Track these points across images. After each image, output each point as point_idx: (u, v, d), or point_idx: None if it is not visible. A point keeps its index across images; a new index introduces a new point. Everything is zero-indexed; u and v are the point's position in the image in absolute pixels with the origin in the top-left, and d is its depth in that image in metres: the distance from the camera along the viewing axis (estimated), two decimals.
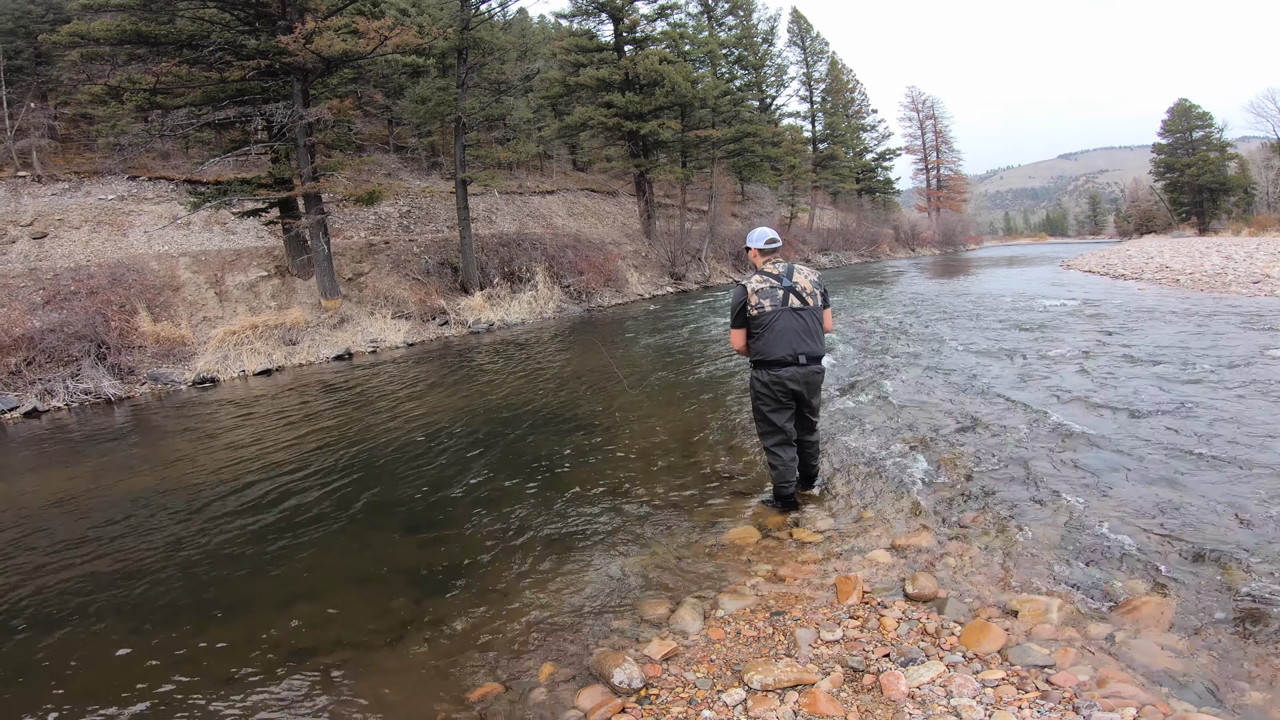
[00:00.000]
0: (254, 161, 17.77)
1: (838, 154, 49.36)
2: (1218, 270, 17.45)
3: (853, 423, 6.08)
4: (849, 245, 43.58)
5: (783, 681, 2.64)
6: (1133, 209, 66.66)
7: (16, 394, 10.47)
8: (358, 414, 8.54)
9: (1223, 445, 4.71)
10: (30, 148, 17.08)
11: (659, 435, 6.38)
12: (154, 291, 13.54)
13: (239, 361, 12.78)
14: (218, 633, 3.46)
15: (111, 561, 4.47)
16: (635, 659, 2.89)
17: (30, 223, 15.60)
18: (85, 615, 3.75)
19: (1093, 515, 3.83)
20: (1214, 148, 52.45)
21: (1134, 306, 12.63)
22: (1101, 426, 5.36)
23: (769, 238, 4.26)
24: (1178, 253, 25.64)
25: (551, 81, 27.11)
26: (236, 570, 4.19)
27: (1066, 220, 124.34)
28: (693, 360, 10.37)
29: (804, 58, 50.20)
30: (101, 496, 5.95)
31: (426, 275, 18.06)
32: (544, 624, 3.30)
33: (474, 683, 2.91)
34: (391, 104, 24.23)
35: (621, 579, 3.65)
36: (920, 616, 3.03)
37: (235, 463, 6.67)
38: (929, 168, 65.27)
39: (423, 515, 4.84)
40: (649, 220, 28.13)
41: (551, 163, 32.87)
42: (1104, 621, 2.89)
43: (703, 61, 32.17)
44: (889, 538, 3.85)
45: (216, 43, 13.48)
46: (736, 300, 4.18)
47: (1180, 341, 8.60)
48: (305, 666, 3.11)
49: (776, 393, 4.11)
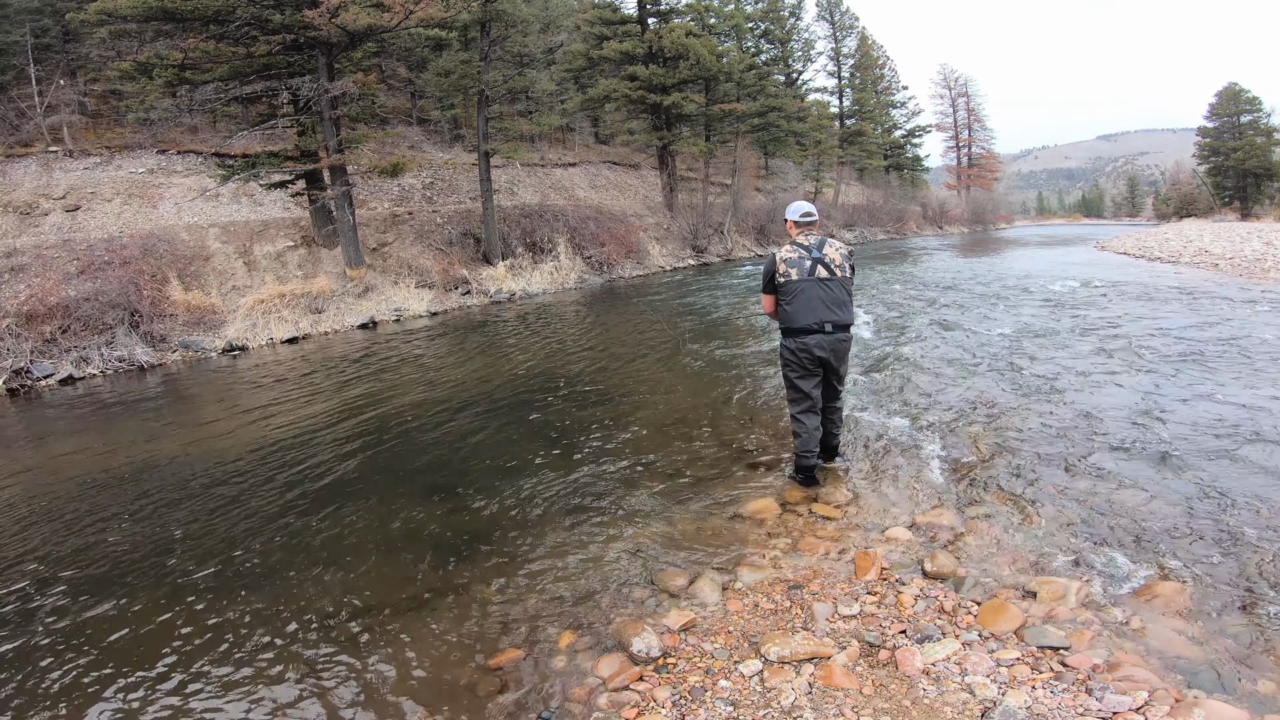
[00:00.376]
0: (280, 135, 17.88)
1: (865, 130, 48.31)
2: (1258, 256, 16.92)
3: (875, 400, 6.05)
4: (875, 221, 42.86)
5: (799, 654, 2.68)
6: (1173, 192, 64.73)
7: (52, 361, 10.77)
8: (381, 382, 8.67)
9: (1252, 435, 4.63)
10: (61, 123, 17.34)
11: (679, 407, 6.40)
12: (185, 261, 13.78)
13: (267, 329, 13.01)
14: (247, 600, 3.57)
15: (145, 528, 4.63)
16: (654, 629, 2.95)
17: (63, 196, 15.91)
18: (120, 583, 3.88)
19: (1115, 500, 3.80)
20: (1261, 133, 50.76)
21: (1170, 290, 12.33)
22: (1129, 412, 5.28)
23: (804, 210, 4.41)
24: (1218, 237, 24.89)
25: (575, 54, 26.81)
26: (266, 537, 4.31)
27: (1103, 202, 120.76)
28: (718, 331, 10.35)
29: (832, 33, 48.97)
30: (134, 463, 6.14)
31: (449, 245, 18.15)
32: (564, 593, 3.37)
33: (496, 649, 2.99)
34: (415, 77, 24.19)
35: (641, 550, 3.71)
36: (938, 594, 3.05)
37: (263, 430, 6.83)
38: (960, 145, 63.72)
39: (445, 483, 4.94)
40: (671, 193, 27.90)
41: (574, 135, 32.63)
42: (1121, 606, 2.89)
43: (728, 35, 31.62)
44: (909, 515, 3.86)
45: (242, 18, 13.50)
46: (768, 268, 4.32)
47: (1216, 328, 8.40)
48: (333, 633, 3.22)
49: (804, 359, 4.18)
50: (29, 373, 10.38)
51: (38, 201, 15.55)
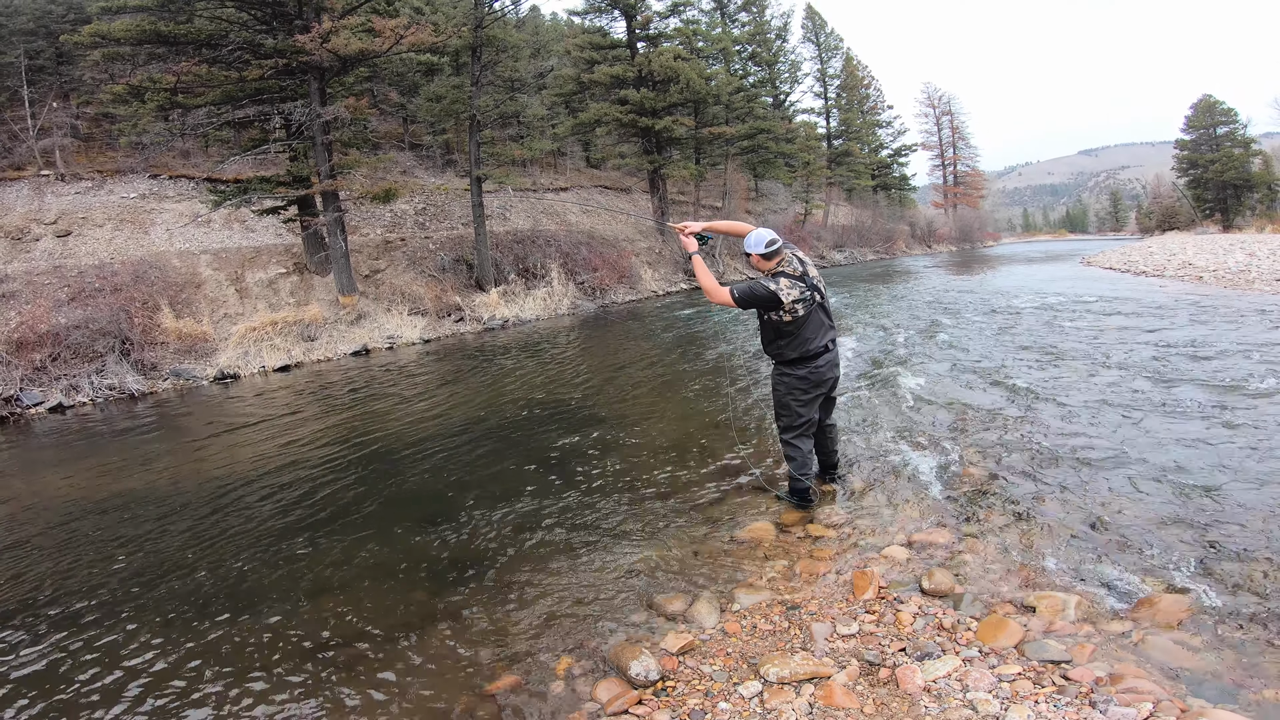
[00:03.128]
0: (273, 160, 17.98)
1: (852, 150, 48.93)
2: (1241, 268, 17.16)
3: (870, 419, 6.06)
4: (864, 242, 43.25)
5: (799, 674, 2.66)
6: (1155, 205, 65.54)
7: (42, 389, 10.69)
8: (376, 409, 8.63)
9: (1248, 447, 4.66)
10: (53, 147, 17.39)
11: (674, 430, 6.40)
12: (176, 288, 13.75)
13: (259, 357, 12.95)
14: (243, 625, 3.53)
15: (138, 556, 4.57)
16: (652, 652, 2.92)
17: (54, 221, 15.89)
18: (112, 610, 3.83)
19: (1111, 514, 3.81)
20: (1238, 144, 51.41)
21: (1156, 304, 12.46)
22: (1123, 426, 5.31)
23: (768, 240, 4.08)
24: (1201, 250, 25.24)
25: (565, 79, 27.15)
26: (261, 563, 4.27)
27: (1087, 217, 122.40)
28: (709, 356, 10.38)
29: (818, 54, 49.79)
30: (126, 493, 6.07)
31: (442, 272, 18.19)
32: (561, 617, 3.34)
33: (493, 675, 2.95)
34: (406, 102, 24.40)
35: (638, 573, 3.69)
36: (937, 611, 3.03)
37: (257, 458, 6.78)
38: (945, 164, 64.54)
39: (442, 509, 4.90)
40: (662, 217, 28.10)
41: (565, 160, 32.92)
42: (1121, 618, 2.89)
43: (716, 58, 32.06)
44: (905, 533, 3.85)
45: (235, 42, 13.66)
46: (763, 292, 4.00)
47: (1205, 340, 8.49)
48: (329, 658, 3.17)
49: (814, 381, 4.13)
50: (18, 400, 10.29)
51: (29, 226, 15.52)
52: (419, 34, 14.26)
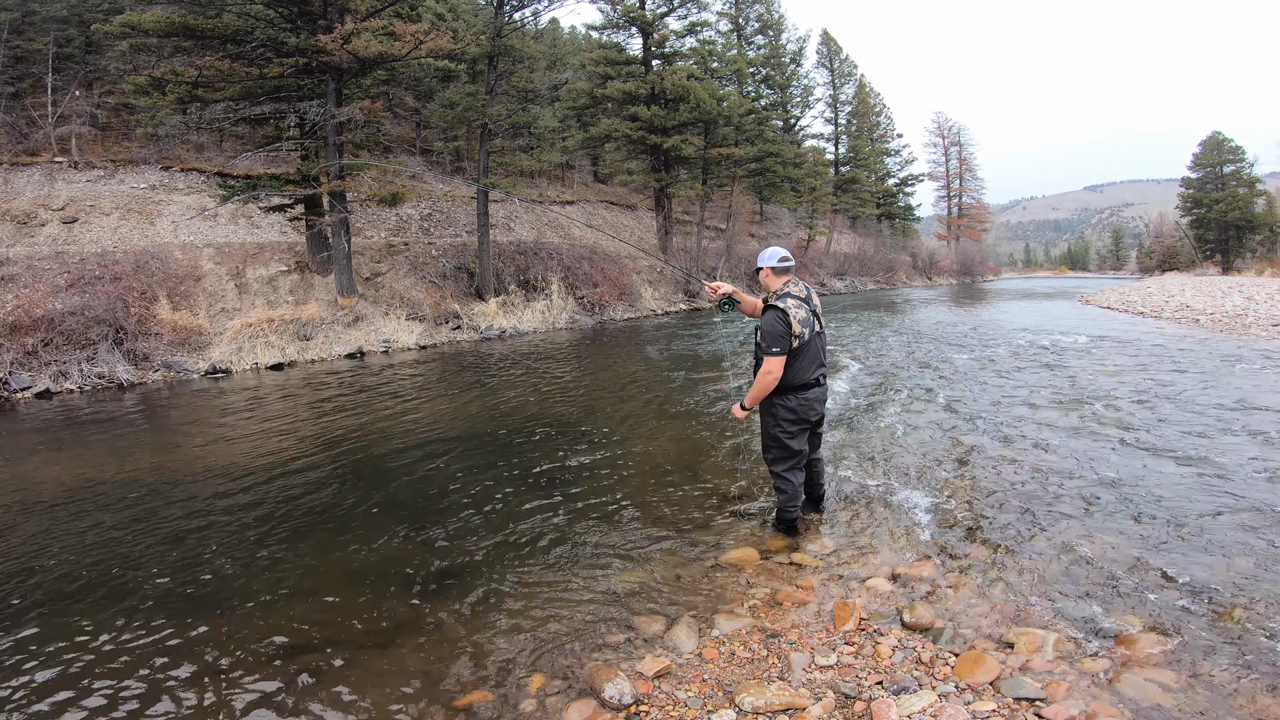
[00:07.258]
0: (284, 158, 18.06)
1: (859, 178, 49.26)
2: (1239, 311, 17.24)
3: (857, 451, 6.05)
4: (865, 271, 43.41)
5: (774, 705, 2.62)
6: (1156, 245, 65.89)
7: (31, 374, 10.64)
8: (365, 413, 8.60)
9: (1231, 488, 4.65)
10: (70, 134, 17.49)
11: (664, 452, 6.37)
12: (176, 280, 13.76)
13: (252, 354, 12.93)
14: (208, 625, 3.47)
15: (106, 549, 4.51)
16: (628, 675, 2.89)
17: (62, 207, 15.95)
18: (76, 602, 3.78)
19: (1094, 551, 3.80)
20: (1243, 183, 51.36)
21: (1152, 346, 12.49)
22: (1108, 465, 5.31)
23: (781, 255, 4.12)
24: (1199, 292, 25.36)
25: (579, 92, 27.38)
26: (232, 563, 4.21)
27: (1089, 254, 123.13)
28: (702, 378, 10.37)
29: (831, 79, 50.31)
30: (101, 483, 6.02)
31: (443, 279, 18.22)
32: (537, 634, 3.30)
33: (464, 689, 2.91)
34: (421, 107, 24.59)
35: (618, 594, 3.65)
36: (916, 645, 3.00)
37: (238, 455, 6.74)
38: (951, 195, 64.82)
39: (421, 518, 4.86)
40: (666, 236, 28.22)
41: (573, 173, 33.12)
42: (1099, 657, 2.87)
43: (729, 79, 32.38)
44: (889, 566, 3.82)
45: (259, 39, 13.81)
46: (782, 327, 3.85)
47: (1197, 383, 8.50)
48: (294, 663, 3.13)
49: (804, 415, 4.05)
50: (6, 384, 10.24)
51: (36, 211, 15.57)
52: (438, 40, 14.40)
